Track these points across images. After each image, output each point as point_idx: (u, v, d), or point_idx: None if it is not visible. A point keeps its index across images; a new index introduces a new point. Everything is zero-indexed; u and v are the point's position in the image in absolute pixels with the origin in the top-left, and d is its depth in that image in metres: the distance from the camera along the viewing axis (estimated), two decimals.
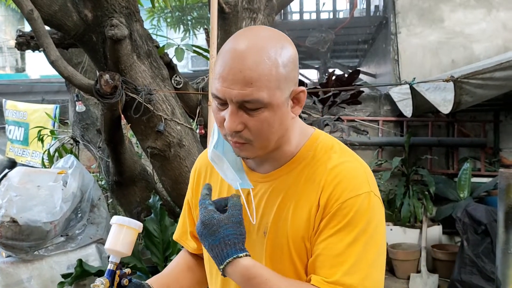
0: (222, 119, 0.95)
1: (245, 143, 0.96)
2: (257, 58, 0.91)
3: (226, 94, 0.92)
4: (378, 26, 6.76)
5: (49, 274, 2.74)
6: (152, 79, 2.69)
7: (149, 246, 2.92)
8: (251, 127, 0.94)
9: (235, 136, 0.95)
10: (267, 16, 3.33)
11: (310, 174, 1.01)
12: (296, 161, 1.03)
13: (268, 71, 0.91)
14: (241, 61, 0.91)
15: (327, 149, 1.03)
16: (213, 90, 0.95)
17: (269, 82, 0.91)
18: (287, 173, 1.03)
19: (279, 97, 0.93)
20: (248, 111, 0.93)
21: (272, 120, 0.94)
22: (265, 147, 0.98)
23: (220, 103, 0.95)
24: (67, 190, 2.83)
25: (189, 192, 1.24)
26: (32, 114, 5.31)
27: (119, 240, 1.03)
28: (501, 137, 5.20)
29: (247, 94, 0.90)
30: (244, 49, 0.93)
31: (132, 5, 2.55)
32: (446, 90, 3.50)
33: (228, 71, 0.92)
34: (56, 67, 2.40)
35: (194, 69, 9.55)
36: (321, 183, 0.99)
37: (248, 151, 0.98)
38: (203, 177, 1.18)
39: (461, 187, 4.54)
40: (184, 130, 2.80)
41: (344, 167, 1.00)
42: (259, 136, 0.95)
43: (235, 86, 0.91)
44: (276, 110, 0.94)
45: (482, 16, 5.47)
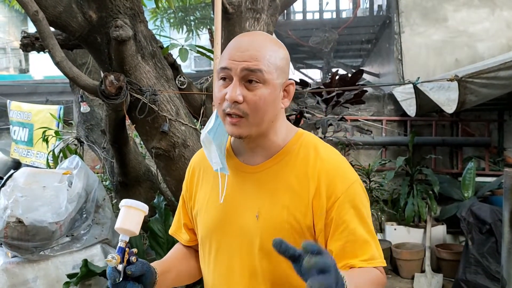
0: (223, 95, 1.09)
1: (241, 117, 1.08)
2: (261, 44, 1.11)
3: (233, 65, 1.07)
4: (381, 25, 6.75)
5: (54, 274, 2.75)
6: (157, 80, 2.69)
7: (154, 246, 2.92)
8: (249, 100, 1.08)
9: (234, 107, 1.08)
10: (271, 16, 3.34)
11: (300, 165, 1.15)
12: (283, 153, 1.17)
13: (269, 55, 1.09)
14: (247, 44, 1.10)
15: (311, 145, 1.18)
16: (221, 65, 1.10)
17: (270, 63, 1.09)
18: (276, 164, 1.17)
19: (275, 80, 1.10)
20: (248, 86, 1.08)
21: (267, 98, 1.09)
22: (258, 124, 1.10)
23: (224, 78, 1.10)
24: (72, 190, 2.84)
25: (184, 187, 1.35)
26: (36, 115, 5.32)
27: (128, 220, 1.11)
28: (505, 136, 5.20)
29: (253, 65, 1.07)
30: (250, 38, 1.14)
31: (136, 6, 2.55)
32: (450, 90, 3.50)
33: (236, 50, 1.09)
34: (62, 68, 2.40)
35: (197, 70, 9.57)
36: (315, 173, 1.13)
37: (243, 128, 1.10)
38: (197, 174, 1.30)
39: (465, 186, 4.53)
40: (188, 131, 2.80)
41: (334, 159, 1.17)
42: (255, 111, 1.08)
43: (241, 59, 1.08)
44: (271, 90, 1.09)
45: (486, 15, 5.47)
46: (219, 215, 1.20)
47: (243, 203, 1.18)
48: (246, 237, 1.16)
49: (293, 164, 1.16)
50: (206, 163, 1.25)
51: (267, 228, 1.13)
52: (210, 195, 1.24)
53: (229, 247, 1.19)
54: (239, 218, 1.17)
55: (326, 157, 1.16)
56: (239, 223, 1.17)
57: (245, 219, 1.16)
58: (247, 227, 1.16)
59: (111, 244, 2.97)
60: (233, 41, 1.14)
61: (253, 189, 1.17)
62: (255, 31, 1.30)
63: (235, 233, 1.18)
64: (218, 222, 1.20)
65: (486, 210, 3.91)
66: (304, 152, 1.16)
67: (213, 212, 1.22)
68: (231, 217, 1.18)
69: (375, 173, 4.92)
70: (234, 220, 1.18)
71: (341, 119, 3.62)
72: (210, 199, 1.24)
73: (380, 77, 7.46)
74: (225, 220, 1.19)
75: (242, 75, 1.07)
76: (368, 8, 7.67)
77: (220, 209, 1.20)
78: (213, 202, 1.22)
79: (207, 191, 1.25)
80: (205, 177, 1.28)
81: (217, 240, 1.21)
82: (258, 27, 3.26)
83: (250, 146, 1.18)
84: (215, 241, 1.22)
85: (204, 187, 1.27)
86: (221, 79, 1.11)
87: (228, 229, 1.19)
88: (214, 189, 1.23)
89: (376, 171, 4.97)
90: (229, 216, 1.19)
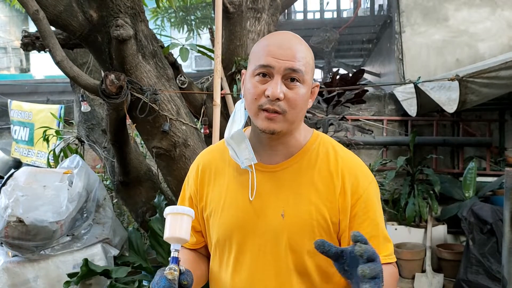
0: (261, 91, 1.10)
1: (279, 113, 1.09)
2: (299, 44, 1.13)
3: (276, 63, 1.09)
4: (382, 25, 6.74)
5: (55, 273, 2.75)
6: (157, 79, 2.69)
7: (155, 246, 2.92)
8: (289, 98, 1.09)
9: (274, 104, 1.08)
10: (272, 16, 3.33)
11: (321, 163, 1.17)
12: (304, 152, 1.19)
13: (307, 56, 1.13)
14: (287, 42, 1.12)
15: (329, 144, 1.21)
16: (260, 62, 1.10)
17: (308, 64, 1.12)
18: (296, 162, 1.18)
19: (309, 80, 1.13)
20: (289, 84, 1.10)
21: (304, 97, 1.12)
22: (292, 121, 1.12)
23: (264, 75, 1.10)
24: (73, 190, 2.84)
25: (192, 187, 1.30)
26: (37, 115, 5.32)
27: (177, 227, 1.07)
28: (506, 136, 5.19)
29: (295, 64, 1.09)
30: (287, 36, 1.15)
31: (137, 5, 2.55)
32: (451, 89, 3.49)
33: (277, 47, 1.10)
34: (62, 67, 2.40)
35: (198, 69, 9.56)
36: (338, 171, 1.16)
37: (278, 123, 1.10)
38: (207, 174, 1.27)
39: (466, 186, 4.53)
40: (189, 130, 2.80)
41: (353, 158, 1.21)
42: (294, 108, 1.10)
43: (284, 58, 1.09)
44: (307, 90, 1.13)
45: (487, 15, 5.46)
46: (240, 215, 1.18)
47: (265, 202, 1.16)
48: (271, 236, 1.15)
49: (314, 162, 1.17)
50: (217, 165, 1.25)
51: (294, 225, 1.13)
52: (226, 195, 1.21)
53: (252, 248, 1.17)
54: (262, 217, 1.16)
55: (345, 156, 1.19)
56: (262, 223, 1.16)
57: (270, 218, 1.15)
58: (272, 226, 1.15)
59: (112, 243, 2.97)
60: (268, 38, 1.15)
61: (274, 188, 1.17)
62: (284, 31, 1.27)
63: (258, 233, 1.16)
64: (239, 223, 1.18)
65: (487, 210, 3.91)
66: (323, 151, 1.19)
67: (232, 213, 1.19)
68: (253, 217, 1.17)
69: (376, 173, 4.91)
70: (256, 220, 1.16)
71: (342, 119, 3.61)
72: (227, 199, 1.21)
73: (381, 77, 7.46)
74: (247, 220, 1.17)
75: (284, 73, 1.09)
76: (369, 7, 7.66)
77: (241, 209, 1.18)
78: (231, 202, 1.20)
79: (221, 192, 1.22)
80: (218, 178, 1.25)
81: (238, 241, 1.18)
82: (259, 27, 3.26)
83: (272, 144, 1.17)
84: (236, 242, 1.19)
85: (218, 188, 1.24)
86: (258, 75, 1.11)
87: (250, 229, 1.17)
88: (232, 188, 1.21)
89: (377, 171, 4.96)
90: (251, 215, 1.17)
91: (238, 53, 3.01)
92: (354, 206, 1.14)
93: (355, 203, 1.14)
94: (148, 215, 3.10)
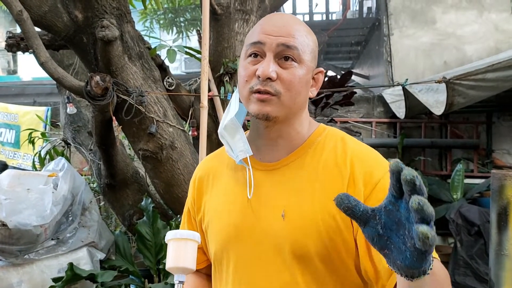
0: (252, 72, 0.98)
1: (273, 95, 0.97)
2: (296, 23, 1.01)
3: (268, 39, 0.97)
4: (370, 27, 6.77)
5: (39, 278, 2.71)
6: (144, 81, 2.67)
7: (142, 249, 2.89)
8: (284, 78, 0.97)
9: (266, 84, 0.96)
10: (260, 18, 3.32)
11: (327, 156, 1.02)
12: (307, 145, 1.05)
13: (305, 35, 1.00)
14: (282, 20, 1.01)
15: (337, 137, 1.06)
16: (251, 40, 0.99)
17: (305, 43, 0.99)
18: (299, 157, 1.03)
19: (308, 62, 1.00)
20: (283, 64, 0.97)
21: (302, 80, 0.99)
22: (288, 106, 0.99)
23: (255, 55, 0.99)
24: (58, 193, 2.80)
25: (190, 199, 1.19)
26: (23, 116, 5.27)
27: (181, 255, 0.94)
28: (493, 138, 5.22)
29: (290, 40, 0.97)
30: (283, 16, 1.04)
31: (123, 6, 2.52)
32: (438, 92, 3.51)
33: (270, 25, 0.99)
34: (46, 68, 2.37)
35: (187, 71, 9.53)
36: (346, 161, 1.00)
37: (272, 106, 0.97)
38: (205, 182, 1.15)
39: (454, 188, 4.55)
40: (176, 132, 2.78)
41: (365, 147, 1.05)
42: (289, 90, 0.97)
43: (277, 34, 0.97)
44: (305, 72, 1.00)
45: (474, 18, 5.50)
46: (235, 221, 1.03)
47: (263, 204, 1.02)
48: (272, 241, 0.99)
49: (319, 155, 1.02)
50: (216, 170, 1.13)
51: (297, 228, 0.97)
52: (224, 197, 1.08)
53: (250, 258, 1.01)
54: (260, 221, 1.01)
55: (356, 146, 1.04)
56: (261, 227, 1.00)
57: (268, 221, 1.00)
58: (271, 230, 0.99)
59: (98, 247, 2.93)
60: (264, 18, 1.04)
61: (274, 187, 1.02)
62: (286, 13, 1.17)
63: (256, 240, 1.00)
64: (238, 227, 1.03)
65: (475, 212, 3.93)
66: (330, 144, 1.04)
67: (230, 215, 1.05)
68: (251, 221, 1.02)
69: None
70: (256, 223, 1.01)
71: (331, 121, 3.61)
72: (224, 202, 1.08)
73: (369, 79, 7.48)
74: (243, 225, 1.02)
75: (277, 51, 0.97)
76: (358, 10, 7.70)
77: (236, 214, 1.04)
78: (229, 205, 1.06)
79: (219, 196, 1.10)
80: (216, 183, 1.12)
81: (234, 251, 1.03)
82: (247, 29, 3.24)
83: (271, 137, 1.04)
84: (233, 253, 1.04)
85: (216, 193, 1.11)
86: (250, 55, 0.99)
87: (247, 236, 1.02)
88: (229, 189, 1.08)
89: None
90: (248, 220, 1.02)
91: (226, 55, 2.99)
92: (369, 197, 0.95)
93: (369, 193, 0.96)
94: (135, 218, 3.07)
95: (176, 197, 2.84)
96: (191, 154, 2.84)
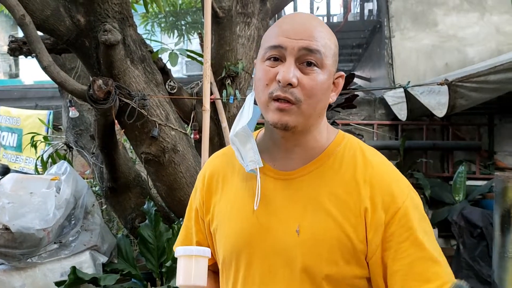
0: (273, 76, 0.93)
1: (292, 104, 0.91)
2: (317, 24, 0.95)
3: (289, 43, 0.91)
4: (372, 30, 6.77)
5: (42, 281, 2.71)
6: (146, 84, 2.67)
7: (144, 252, 2.89)
8: (305, 84, 0.91)
9: (286, 91, 0.91)
10: (261, 21, 3.33)
11: (346, 169, 0.97)
12: (326, 155, 0.99)
13: (327, 38, 0.95)
14: (303, 21, 0.95)
15: (356, 147, 1.01)
16: (271, 43, 0.94)
17: (328, 47, 0.94)
18: (317, 168, 0.98)
19: (330, 66, 0.95)
20: (304, 69, 0.92)
21: (323, 86, 0.94)
22: (308, 115, 0.94)
23: (275, 58, 0.93)
24: (60, 196, 2.80)
25: (198, 198, 1.13)
26: (25, 120, 5.27)
27: (191, 273, 0.92)
28: (495, 140, 5.22)
29: (312, 44, 0.91)
30: (304, 16, 0.97)
31: (125, 10, 2.53)
32: (440, 94, 3.50)
33: (290, 26, 0.94)
34: (49, 72, 2.37)
35: (188, 74, 9.54)
36: (366, 180, 0.95)
37: (292, 116, 0.92)
38: (215, 182, 1.10)
39: (456, 190, 4.54)
40: (178, 136, 2.78)
41: (385, 165, 1.00)
42: (310, 98, 0.92)
43: (298, 37, 0.92)
44: (326, 77, 0.94)
45: (476, 20, 5.50)
46: (248, 229, 1.00)
47: (277, 214, 0.98)
48: (283, 256, 0.96)
49: (337, 168, 0.98)
50: (225, 171, 1.09)
51: (311, 245, 0.94)
52: (233, 204, 1.04)
53: (261, 269, 0.98)
54: (273, 233, 0.97)
55: (376, 162, 0.99)
56: (274, 239, 0.97)
57: (282, 234, 0.96)
58: (284, 244, 0.96)
59: (100, 251, 2.93)
60: (283, 18, 0.98)
61: (288, 198, 0.98)
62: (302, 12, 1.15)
63: (268, 251, 0.97)
64: (247, 237, 1.00)
65: (477, 214, 3.92)
66: (349, 155, 0.99)
67: (239, 225, 1.01)
68: (264, 231, 0.98)
69: None
70: (267, 235, 0.98)
71: (333, 124, 3.61)
72: (234, 209, 1.03)
73: (371, 82, 7.48)
74: (256, 234, 0.99)
75: (299, 55, 0.91)
76: (359, 12, 7.70)
77: (250, 221, 1.00)
78: (238, 213, 1.02)
79: (229, 201, 1.05)
80: (225, 187, 1.08)
81: (245, 259, 1.00)
82: (248, 32, 3.25)
83: (288, 146, 0.99)
84: (243, 261, 1.01)
85: (225, 197, 1.07)
86: (269, 59, 0.94)
87: (259, 246, 0.98)
88: (239, 196, 1.03)
89: None
90: (261, 229, 0.98)
91: (227, 58, 3.00)
92: (389, 223, 0.92)
93: (390, 219, 0.92)
94: (137, 221, 3.07)
95: (178, 200, 2.84)
96: (193, 158, 2.85)
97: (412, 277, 0.91)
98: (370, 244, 0.93)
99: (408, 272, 0.91)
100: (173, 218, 3.06)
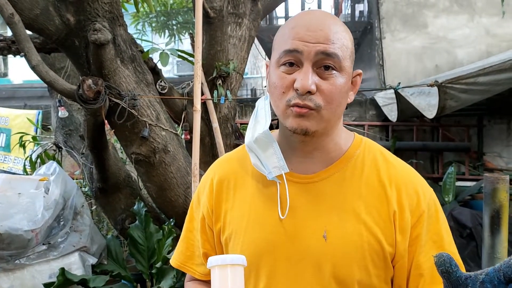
0: (290, 83, 0.89)
1: (312, 109, 0.88)
2: (333, 24, 0.90)
3: (305, 47, 0.87)
4: (363, 31, 6.80)
5: (31, 283, 2.68)
6: (137, 84, 2.65)
7: (134, 253, 2.88)
8: (324, 90, 0.87)
9: (305, 98, 0.87)
10: (253, 21, 3.33)
11: (369, 172, 0.96)
12: (346, 158, 0.97)
13: (344, 38, 0.90)
14: (318, 22, 0.90)
15: (376, 150, 1.00)
16: (285, 48, 0.89)
17: (345, 47, 0.90)
18: (338, 171, 0.96)
19: (348, 68, 0.91)
20: (322, 74, 0.88)
21: (343, 89, 0.90)
22: (328, 119, 0.90)
23: (291, 64, 0.89)
24: (49, 197, 2.77)
25: (205, 205, 1.06)
26: (14, 120, 5.22)
27: (227, 283, 0.84)
28: (485, 141, 5.27)
29: (329, 47, 0.87)
30: (318, 15, 0.92)
31: (115, 9, 2.51)
32: (430, 95, 3.52)
33: (306, 29, 0.89)
34: (38, 72, 2.35)
35: (179, 74, 9.52)
36: (392, 182, 0.94)
37: (312, 121, 0.89)
38: (225, 188, 1.04)
39: (446, 191, 4.57)
40: (169, 136, 2.76)
41: (407, 167, 1.00)
42: (330, 103, 0.88)
43: (315, 40, 0.87)
44: (346, 80, 0.91)
45: (465, 22, 5.55)
46: (269, 238, 0.95)
47: (300, 221, 0.94)
48: (311, 263, 0.92)
49: (360, 171, 0.95)
50: (237, 176, 1.03)
51: (340, 250, 0.91)
52: (250, 213, 0.99)
53: (286, 277, 0.94)
54: (299, 239, 0.93)
55: (398, 165, 0.98)
56: (300, 245, 0.93)
57: (309, 239, 0.92)
58: (312, 249, 0.92)
59: (89, 252, 2.91)
60: (296, 19, 0.93)
61: (312, 203, 0.94)
62: (315, 9, 1.09)
63: (294, 259, 0.93)
64: (269, 246, 0.95)
65: (467, 215, 3.95)
66: (370, 158, 0.97)
67: (261, 233, 0.96)
68: (286, 240, 0.94)
69: None
70: (292, 242, 0.93)
71: None
72: (251, 218, 0.98)
73: (362, 83, 7.52)
74: (278, 243, 0.94)
75: (316, 60, 0.87)
76: (350, 14, 7.73)
77: (270, 231, 0.95)
78: (258, 220, 0.97)
79: (244, 209, 1.00)
80: (238, 193, 1.02)
81: (268, 268, 0.95)
82: (240, 32, 3.24)
83: (307, 150, 0.96)
84: (265, 270, 0.95)
85: (239, 204, 1.01)
86: (284, 64, 0.90)
87: (284, 254, 0.94)
88: (257, 203, 0.98)
89: None
90: (283, 238, 0.94)
91: (219, 58, 2.99)
92: (415, 225, 0.92)
93: (416, 221, 0.92)
94: (127, 222, 3.05)
95: (168, 201, 2.82)
96: (184, 158, 2.83)
97: (435, 280, 0.90)
98: (398, 248, 0.92)
99: (433, 273, 0.90)
100: (164, 219, 3.04)
